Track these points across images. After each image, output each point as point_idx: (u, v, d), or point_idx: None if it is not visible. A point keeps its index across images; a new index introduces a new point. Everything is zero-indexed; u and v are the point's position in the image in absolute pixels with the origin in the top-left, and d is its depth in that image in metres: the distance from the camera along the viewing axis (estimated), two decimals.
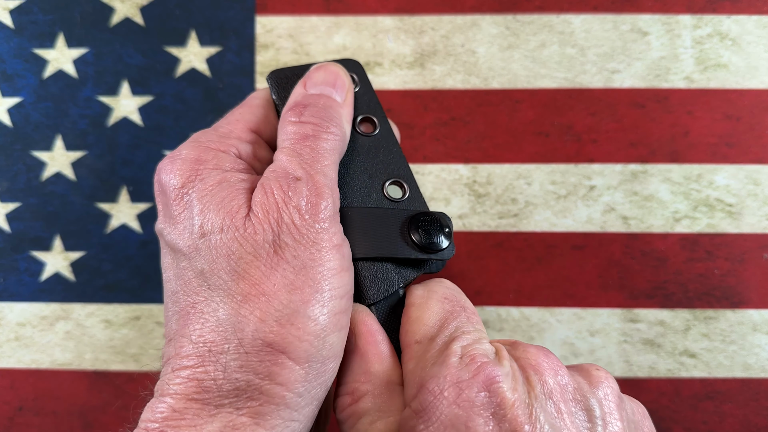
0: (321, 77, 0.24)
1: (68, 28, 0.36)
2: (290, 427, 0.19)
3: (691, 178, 0.35)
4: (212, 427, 0.18)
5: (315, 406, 0.20)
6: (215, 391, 0.18)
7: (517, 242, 0.35)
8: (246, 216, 0.20)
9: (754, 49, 0.36)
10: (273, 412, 0.19)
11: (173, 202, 0.21)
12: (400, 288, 0.23)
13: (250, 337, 0.19)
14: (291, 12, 0.36)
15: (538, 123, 0.36)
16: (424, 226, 0.23)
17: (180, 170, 0.21)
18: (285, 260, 0.19)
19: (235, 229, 0.19)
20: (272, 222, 0.20)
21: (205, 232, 0.20)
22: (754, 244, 0.35)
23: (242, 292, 0.19)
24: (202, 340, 0.19)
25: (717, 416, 0.34)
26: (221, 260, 0.19)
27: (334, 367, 0.20)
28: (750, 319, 0.35)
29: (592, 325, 0.35)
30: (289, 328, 0.19)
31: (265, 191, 0.20)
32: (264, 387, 0.18)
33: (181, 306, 0.20)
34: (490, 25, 0.36)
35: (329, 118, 0.22)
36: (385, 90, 0.36)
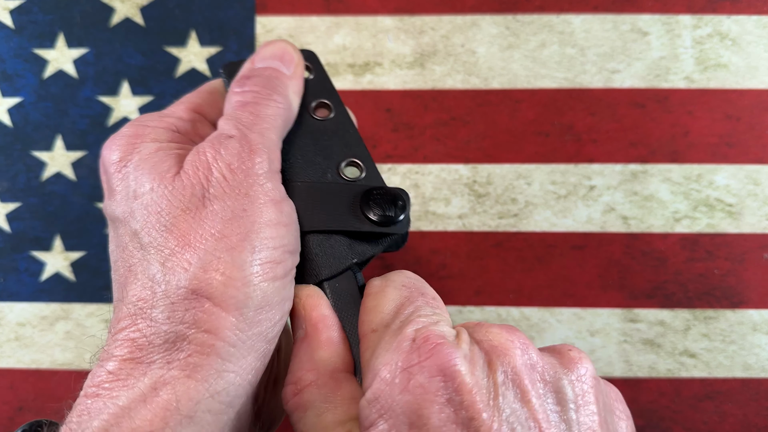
0: (268, 52, 0.24)
1: (68, 28, 0.36)
2: (225, 378, 0.18)
3: (691, 178, 0.35)
4: (142, 384, 0.18)
5: (254, 358, 0.19)
6: (147, 348, 0.18)
7: (517, 242, 0.35)
8: (176, 174, 0.20)
9: (754, 49, 0.36)
10: (203, 362, 0.18)
11: (112, 176, 0.21)
12: (354, 264, 0.23)
13: (175, 286, 0.18)
14: (291, 12, 0.36)
15: (538, 123, 0.36)
16: (376, 200, 0.23)
17: (118, 145, 0.21)
18: (214, 212, 0.19)
19: (164, 187, 0.20)
20: (201, 177, 0.20)
21: (137, 195, 0.20)
22: (754, 244, 0.35)
23: (170, 245, 0.19)
24: (134, 299, 0.19)
25: (717, 416, 0.34)
26: (152, 218, 0.19)
27: (272, 318, 0.20)
28: (750, 319, 0.35)
29: (592, 325, 0.35)
30: (213, 274, 0.18)
31: (197, 151, 0.20)
32: (191, 336, 0.18)
33: (120, 273, 0.20)
34: (490, 25, 0.36)
35: (272, 87, 0.22)
36: (385, 90, 0.36)
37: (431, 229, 0.35)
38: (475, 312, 0.35)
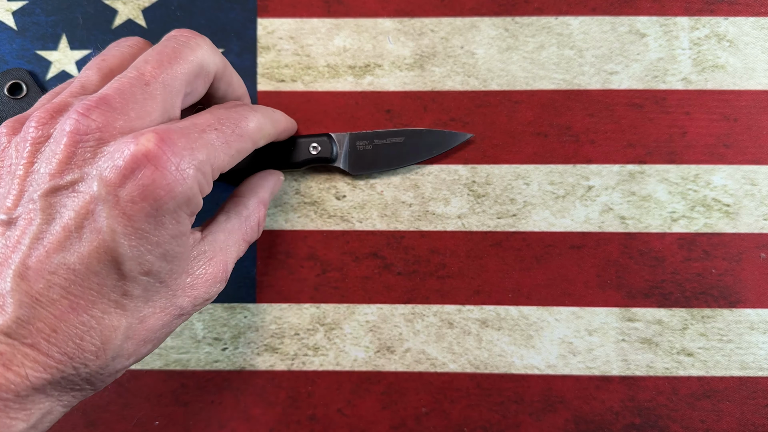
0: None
1: (71, 29, 0.36)
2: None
3: (689, 178, 0.35)
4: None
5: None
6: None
7: (516, 242, 0.35)
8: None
9: (752, 50, 0.36)
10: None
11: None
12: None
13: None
14: (292, 14, 0.36)
15: (536, 124, 0.36)
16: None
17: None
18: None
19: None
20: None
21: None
22: (751, 243, 0.35)
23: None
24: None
25: (714, 414, 0.34)
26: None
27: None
28: (747, 319, 0.35)
29: (590, 324, 0.35)
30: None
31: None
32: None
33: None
34: (489, 27, 0.36)
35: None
36: (386, 91, 0.36)
37: (430, 228, 0.36)
38: (474, 311, 0.35)
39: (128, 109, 0.23)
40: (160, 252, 0.23)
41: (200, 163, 0.23)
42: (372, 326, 0.35)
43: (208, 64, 0.27)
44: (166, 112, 0.25)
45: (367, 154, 0.35)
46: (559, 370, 0.35)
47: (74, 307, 0.22)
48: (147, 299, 0.24)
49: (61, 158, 0.22)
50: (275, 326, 0.35)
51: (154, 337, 0.25)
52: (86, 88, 0.26)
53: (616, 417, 0.34)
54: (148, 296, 0.24)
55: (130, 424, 0.35)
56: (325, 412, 0.35)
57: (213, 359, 0.35)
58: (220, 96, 0.30)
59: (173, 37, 0.27)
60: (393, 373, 0.35)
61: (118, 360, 0.24)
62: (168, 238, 0.23)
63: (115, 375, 0.25)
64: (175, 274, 0.25)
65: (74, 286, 0.22)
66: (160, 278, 0.24)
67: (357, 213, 0.36)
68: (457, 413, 0.35)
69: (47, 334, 0.21)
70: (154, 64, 0.25)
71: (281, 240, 0.36)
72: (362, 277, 0.35)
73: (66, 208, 0.22)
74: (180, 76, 0.25)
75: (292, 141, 0.34)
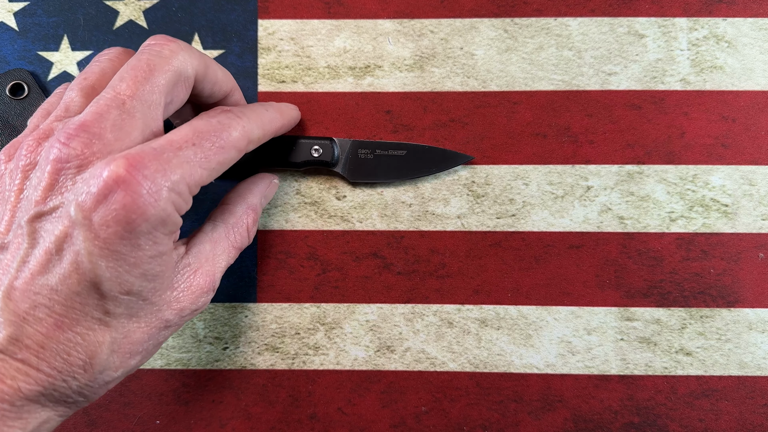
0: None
1: (72, 30, 0.36)
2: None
3: (687, 178, 0.36)
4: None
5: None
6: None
7: (515, 242, 0.36)
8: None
9: (750, 51, 0.36)
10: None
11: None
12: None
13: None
14: (292, 16, 0.37)
15: (535, 124, 0.36)
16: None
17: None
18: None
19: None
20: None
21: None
22: (749, 243, 0.35)
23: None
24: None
25: (713, 414, 0.34)
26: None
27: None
28: (745, 318, 0.35)
29: (588, 324, 0.35)
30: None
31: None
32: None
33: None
34: (489, 28, 0.36)
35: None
36: (385, 92, 0.36)
37: (430, 228, 0.36)
38: (473, 310, 0.35)
39: (106, 132, 0.24)
40: (139, 272, 0.24)
41: (174, 184, 0.24)
42: (372, 326, 0.35)
43: (185, 70, 0.27)
44: (147, 128, 0.25)
45: (368, 163, 0.35)
46: (558, 370, 0.35)
47: (59, 325, 0.23)
48: (131, 316, 0.25)
49: (45, 185, 0.23)
50: (276, 326, 0.35)
51: (141, 349, 0.26)
52: (70, 110, 0.26)
53: (615, 416, 0.35)
54: (132, 313, 0.25)
55: (132, 423, 0.35)
56: (325, 411, 0.35)
57: (214, 358, 0.35)
58: (206, 95, 0.30)
59: (147, 48, 0.27)
60: (393, 372, 0.35)
61: (106, 373, 0.25)
62: (146, 259, 0.24)
63: (106, 387, 0.25)
64: (158, 291, 0.25)
65: (58, 306, 0.23)
66: (143, 296, 0.25)
67: (357, 213, 0.36)
68: (457, 412, 0.35)
69: (35, 350, 0.23)
70: (128, 82, 0.25)
71: (282, 240, 0.36)
72: (362, 277, 0.36)
73: (48, 233, 0.23)
74: (156, 89, 0.26)
75: (295, 141, 0.34)
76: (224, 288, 0.36)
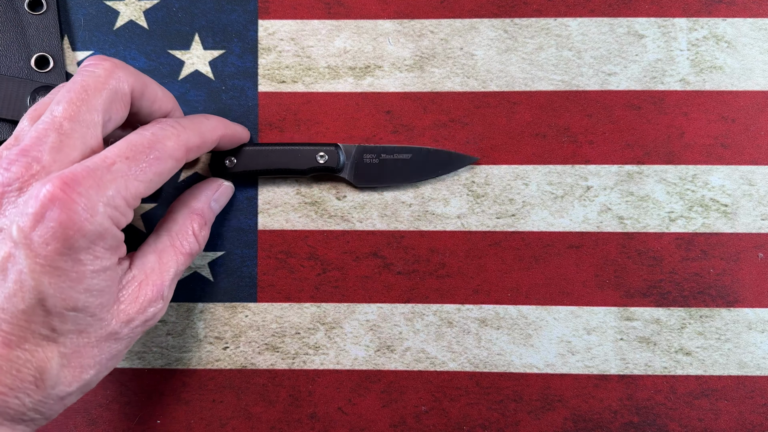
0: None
1: (73, 31, 0.37)
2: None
3: (687, 178, 0.36)
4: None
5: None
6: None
7: (515, 242, 0.36)
8: None
9: (749, 51, 0.36)
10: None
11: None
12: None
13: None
14: (293, 16, 0.37)
15: (535, 125, 0.36)
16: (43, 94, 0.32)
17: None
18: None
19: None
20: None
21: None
22: (748, 243, 0.35)
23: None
24: None
25: (712, 413, 0.34)
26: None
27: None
28: (745, 318, 0.35)
29: (588, 323, 0.35)
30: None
31: None
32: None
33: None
34: (489, 28, 0.36)
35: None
36: (386, 92, 0.36)
37: (430, 228, 0.36)
38: (473, 310, 0.35)
39: (44, 155, 0.25)
40: (82, 287, 0.24)
41: (109, 199, 0.24)
42: (372, 325, 0.35)
43: (121, 87, 0.27)
44: (86, 147, 0.26)
45: (373, 168, 0.35)
46: (557, 369, 0.35)
47: (7, 343, 0.24)
48: (79, 331, 0.25)
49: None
50: (276, 325, 0.36)
51: (93, 363, 0.26)
52: (19, 139, 0.27)
53: (615, 416, 0.35)
54: (80, 328, 0.25)
55: (132, 423, 0.35)
56: (325, 411, 0.35)
57: (214, 358, 0.35)
58: (146, 113, 0.30)
59: (81, 70, 0.27)
60: (393, 371, 0.35)
61: (59, 388, 0.25)
62: (89, 274, 0.25)
63: (63, 403, 0.26)
64: (105, 306, 0.26)
65: (4, 324, 0.24)
66: (89, 312, 0.25)
67: (357, 213, 0.36)
68: (457, 412, 0.35)
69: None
70: (64, 104, 0.26)
71: (282, 240, 0.36)
72: (362, 277, 0.36)
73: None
74: (93, 109, 0.26)
75: (299, 148, 0.35)
76: (224, 288, 0.36)
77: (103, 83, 0.27)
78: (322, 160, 0.34)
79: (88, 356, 0.26)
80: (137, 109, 0.29)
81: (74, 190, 0.23)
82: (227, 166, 0.35)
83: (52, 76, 0.35)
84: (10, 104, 0.33)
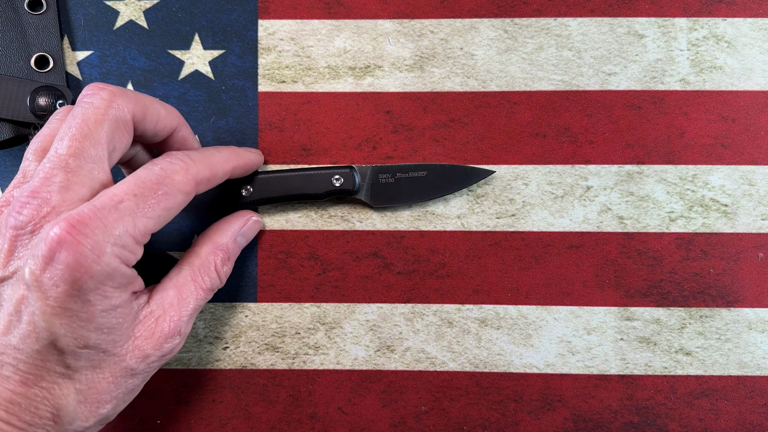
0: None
1: (73, 30, 0.37)
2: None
3: (687, 178, 0.36)
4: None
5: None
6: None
7: (515, 241, 0.36)
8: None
9: (749, 51, 0.36)
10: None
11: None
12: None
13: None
14: (293, 16, 0.37)
15: (535, 124, 0.36)
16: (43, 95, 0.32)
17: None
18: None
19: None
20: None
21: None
22: (748, 243, 0.35)
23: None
24: None
25: (712, 413, 0.34)
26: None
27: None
28: (745, 318, 0.35)
29: (588, 323, 0.35)
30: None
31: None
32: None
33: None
34: (489, 28, 0.36)
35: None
36: (386, 92, 0.36)
37: (430, 228, 0.36)
38: (473, 310, 0.35)
39: (53, 195, 0.25)
40: (93, 326, 0.25)
41: (116, 238, 0.25)
42: (372, 325, 0.35)
43: (122, 116, 0.27)
44: (94, 181, 0.26)
45: (389, 188, 0.35)
46: (557, 369, 0.35)
47: (25, 382, 0.24)
48: (94, 367, 0.26)
49: (6, 251, 0.25)
50: (276, 325, 0.36)
51: (110, 398, 0.27)
52: (26, 176, 0.28)
53: (615, 415, 0.35)
54: (95, 364, 0.26)
55: (132, 423, 0.35)
56: (325, 411, 0.35)
57: (214, 358, 0.35)
58: (150, 135, 0.30)
59: (80, 102, 0.27)
60: (393, 371, 0.35)
61: (77, 423, 0.26)
62: (99, 313, 0.25)
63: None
64: (118, 342, 0.26)
65: (21, 364, 0.24)
66: (102, 348, 0.26)
67: (357, 213, 0.36)
68: (457, 412, 0.35)
69: (5, 406, 0.24)
70: (68, 141, 0.26)
71: (282, 240, 0.36)
72: (362, 277, 0.36)
73: (9, 296, 0.25)
74: (96, 142, 0.26)
75: (314, 172, 0.34)
76: (225, 288, 0.36)
77: (103, 114, 0.26)
78: (337, 183, 0.34)
79: (104, 392, 0.26)
80: (141, 132, 0.29)
81: (80, 232, 0.24)
82: (243, 196, 0.35)
83: (52, 76, 0.35)
84: (10, 104, 0.33)
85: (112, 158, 0.27)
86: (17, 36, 0.35)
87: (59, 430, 0.25)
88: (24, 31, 0.35)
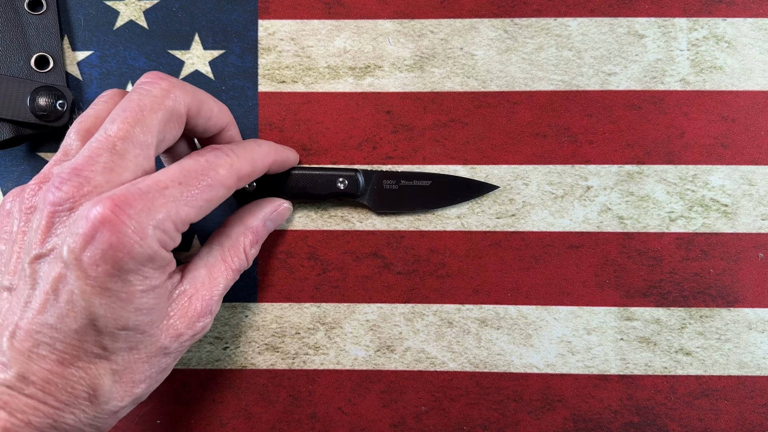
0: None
1: (73, 31, 0.37)
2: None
3: (687, 178, 0.36)
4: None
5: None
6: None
7: (515, 241, 0.36)
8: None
9: (749, 51, 0.36)
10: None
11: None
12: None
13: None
14: (293, 16, 0.37)
15: (535, 125, 0.36)
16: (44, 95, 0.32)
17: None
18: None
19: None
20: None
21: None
22: (748, 243, 0.35)
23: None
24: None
25: (712, 413, 0.34)
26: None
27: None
28: (745, 318, 0.35)
29: (588, 323, 0.35)
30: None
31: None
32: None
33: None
34: (489, 28, 0.36)
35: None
36: (385, 92, 0.36)
37: (430, 228, 0.36)
38: (473, 310, 0.35)
39: (96, 175, 0.25)
40: (132, 307, 0.25)
41: (159, 222, 0.24)
42: (372, 325, 0.35)
43: (177, 108, 0.27)
44: (138, 168, 0.26)
45: (392, 194, 0.35)
46: (557, 369, 0.35)
47: (61, 361, 0.24)
48: (130, 348, 0.26)
49: (43, 228, 0.25)
50: (276, 325, 0.36)
51: (144, 377, 0.27)
52: (68, 154, 0.28)
53: (615, 416, 0.35)
54: (131, 345, 0.26)
55: (132, 423, 0.35)
56: (325, 411, 0.35)
57: (214, 358, 0.35)
58: (201, 131, 0.30)
59: (138, 88, 0.27)
60: (393, 371, 0.35)
61: (112, 403, 0.26)
62: (138, 294, 0.25)
63: (116, 416, 0.27)
64: (155, 323, 0.26)
65: (58, 343, 0.24)
66: (140, 329, 0.26)
67: (357, 213, 0.36)
68: (457, 412, 0.35)
69: (41, 385, 0.24)
70: (119, 124, 0.26)
71: (282, 240, 0.36)
72: (362, 277, 0.36)
73: (46, 274, 0.24)
74: (148, 130, 0.26)
75: (319, 173, 0.35)
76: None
77: (160, 103, 0.26)
78: (342, 185, 0.34)
79: (139, 371, 0.26)
80: (193, 126, 0.29)
81: (125, 212, 0.23)
82: (247, 190, 0.35)
83: (52, 76, 0.35)
84: (10, 104, 0.33)
85: (159, 148, 0.27)
86: (17, 36, 0.35)
87: (95, 410, 0.25)
88: (24, 31, 0.35)
